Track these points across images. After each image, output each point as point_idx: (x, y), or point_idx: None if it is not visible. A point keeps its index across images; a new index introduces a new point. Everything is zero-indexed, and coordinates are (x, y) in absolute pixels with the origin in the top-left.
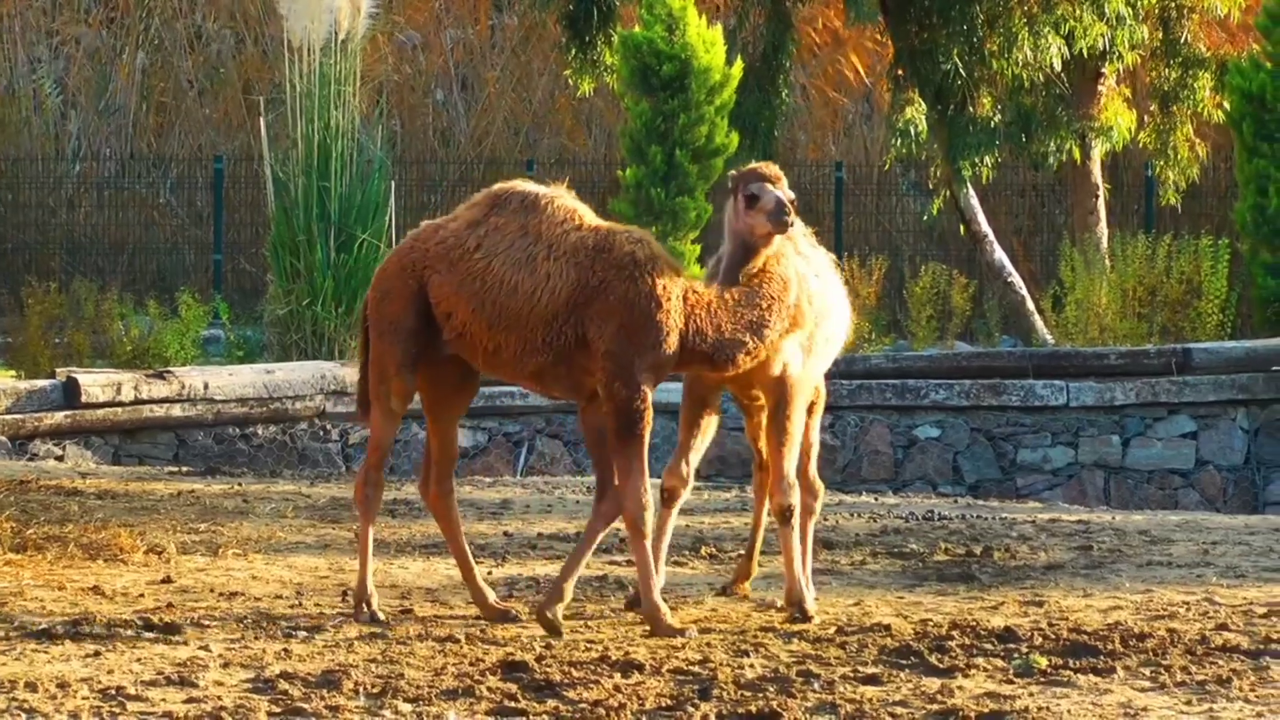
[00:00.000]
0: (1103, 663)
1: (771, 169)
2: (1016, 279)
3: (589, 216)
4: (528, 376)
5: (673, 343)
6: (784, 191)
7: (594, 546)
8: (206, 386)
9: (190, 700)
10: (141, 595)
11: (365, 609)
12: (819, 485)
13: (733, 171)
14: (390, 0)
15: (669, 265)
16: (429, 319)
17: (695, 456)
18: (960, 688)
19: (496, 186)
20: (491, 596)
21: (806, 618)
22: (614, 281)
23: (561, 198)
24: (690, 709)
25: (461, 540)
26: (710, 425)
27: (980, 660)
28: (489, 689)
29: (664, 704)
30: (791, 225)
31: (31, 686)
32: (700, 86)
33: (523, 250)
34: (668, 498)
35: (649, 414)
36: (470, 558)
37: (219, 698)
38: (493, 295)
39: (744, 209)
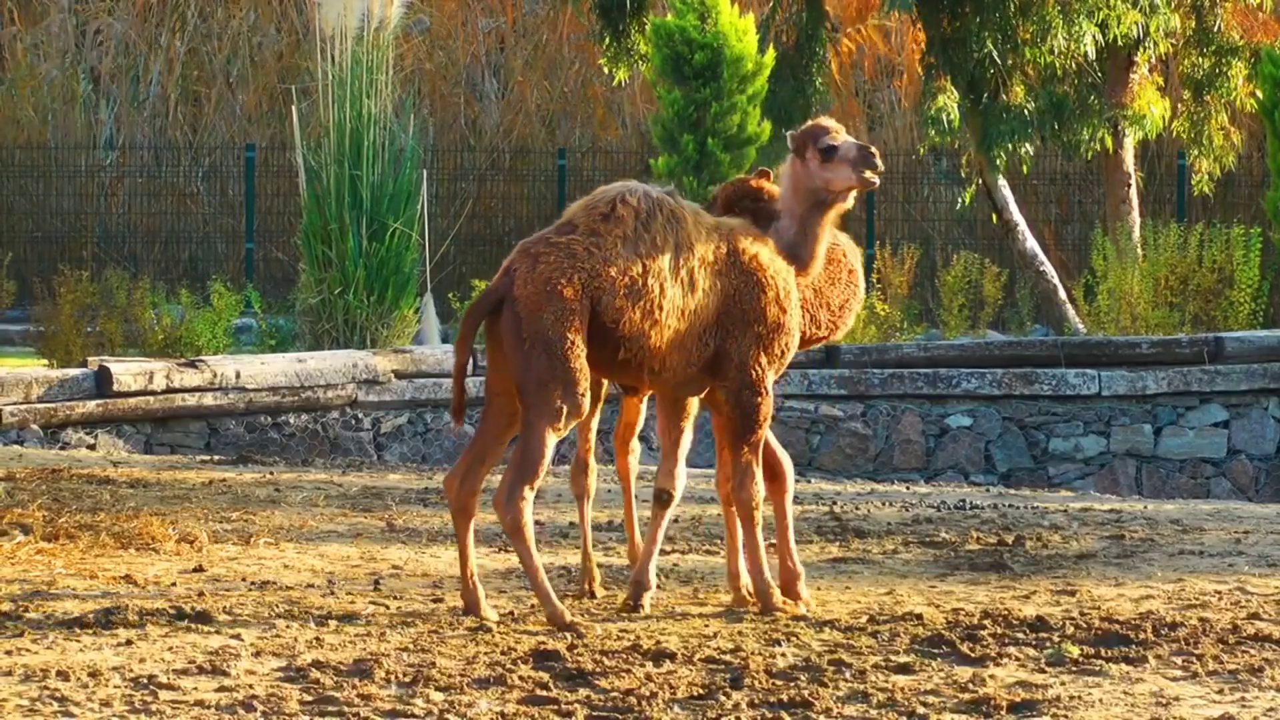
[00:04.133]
0: (1135, 652)
1: (832, 121)
2: (1048, 268)
3: (705, 215)
4: (673, 388)
5: (795, 345)
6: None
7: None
8: (238, 375)
9: (222, 689)
10: (173, 584)
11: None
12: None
13: (791, 131)
14: None
15: (779, 254)
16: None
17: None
18: (992, 677)
19: (615, 190)
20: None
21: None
22: (746, 289)
23: (681, 200)
24: (722, 698)
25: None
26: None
27: (1012, 649)
28: (521, 678)
29: (696, 692)
30: (880, 173)
31: (63, 675)
32: (732, 75)
33: (684, 268)
34: (667, 500)
35: (769, 414)
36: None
37: (251, 686)
38: (670, 319)
39: (819, 164)
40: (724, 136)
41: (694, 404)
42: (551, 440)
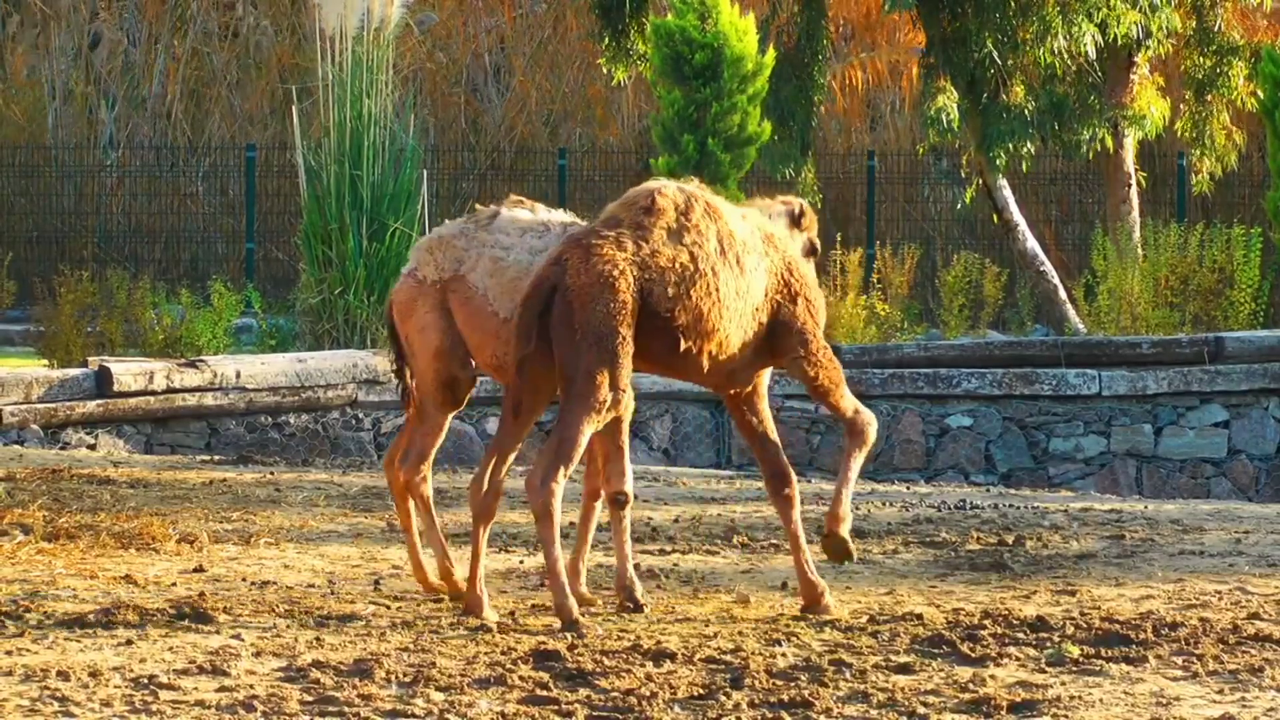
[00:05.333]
0: (1135, 652)
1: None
2: (1049, 268)
3: (729, 203)
4: (726, 376)
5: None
6: None
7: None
8: (239, 375)
9: (222, 689)
10: (174, 584)
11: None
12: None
13: (806, 206)
14: None
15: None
16: None
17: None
18: (992, 677)
19: (649, 187)
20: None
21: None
22: (786, 260)
23: (709, 192)
24: (722, 698)
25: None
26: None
27: (1012, 649)
28: (521, 678)
29: (696, 693)
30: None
31: (64, 675)
32: (732, 75)
33: (731, 254)
34: (624, 501)
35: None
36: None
37: (251, 686)
38: (726, 305)
39: (803, 251)
40: (724, 136)
41: (630, 407)
42: (589, 431)
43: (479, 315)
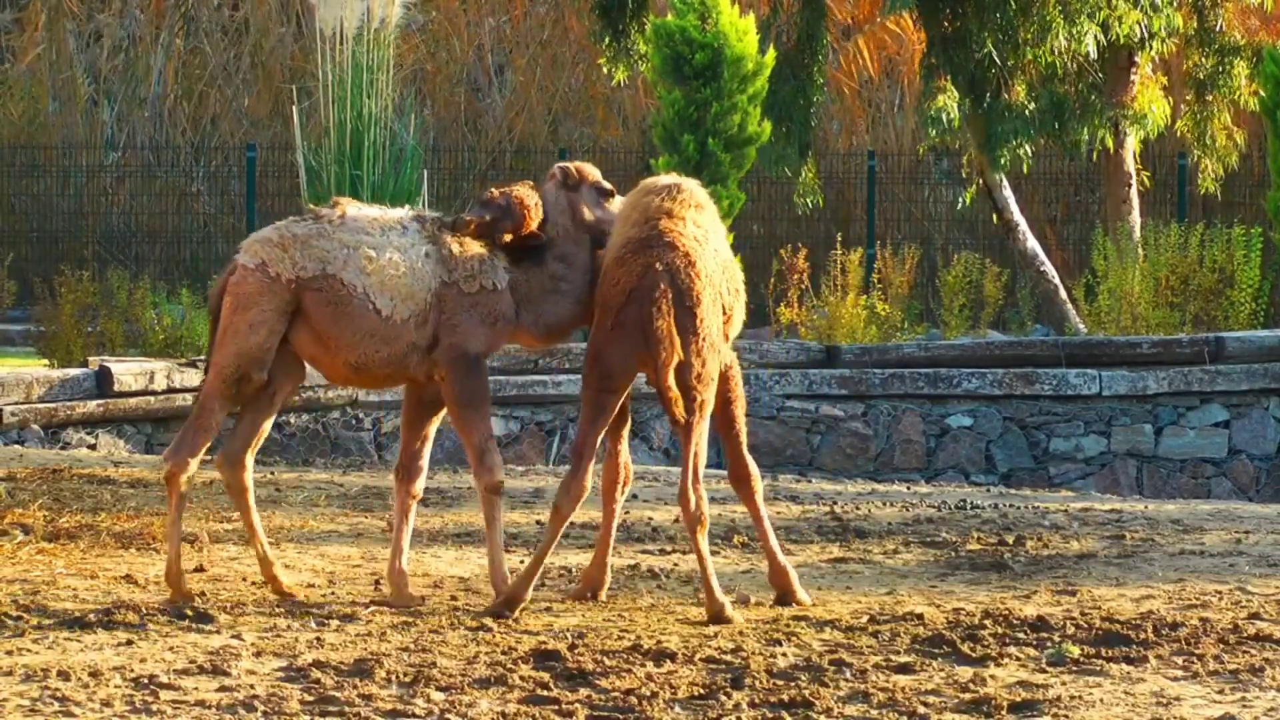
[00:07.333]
0: (1135, 652)
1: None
2: (1049, 268)
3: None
4: None
5: None
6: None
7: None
8: None
9: (223, 689)
10: None
11: None
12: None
13: (568, 165)
14: None
15: None
16: None
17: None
18: (993, 677)
19: (688, 190)
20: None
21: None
22: None
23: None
24: (723, 697)
25: None
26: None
27: (1013, 649)
28: (521, 678)
29: (696, 692)
30: None
31: (64, 675)
32: (733, 75)
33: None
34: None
35: None
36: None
37: (251, 686)
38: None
39: (599, 201)
40: (724, 136)
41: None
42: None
43: (357, 314)
